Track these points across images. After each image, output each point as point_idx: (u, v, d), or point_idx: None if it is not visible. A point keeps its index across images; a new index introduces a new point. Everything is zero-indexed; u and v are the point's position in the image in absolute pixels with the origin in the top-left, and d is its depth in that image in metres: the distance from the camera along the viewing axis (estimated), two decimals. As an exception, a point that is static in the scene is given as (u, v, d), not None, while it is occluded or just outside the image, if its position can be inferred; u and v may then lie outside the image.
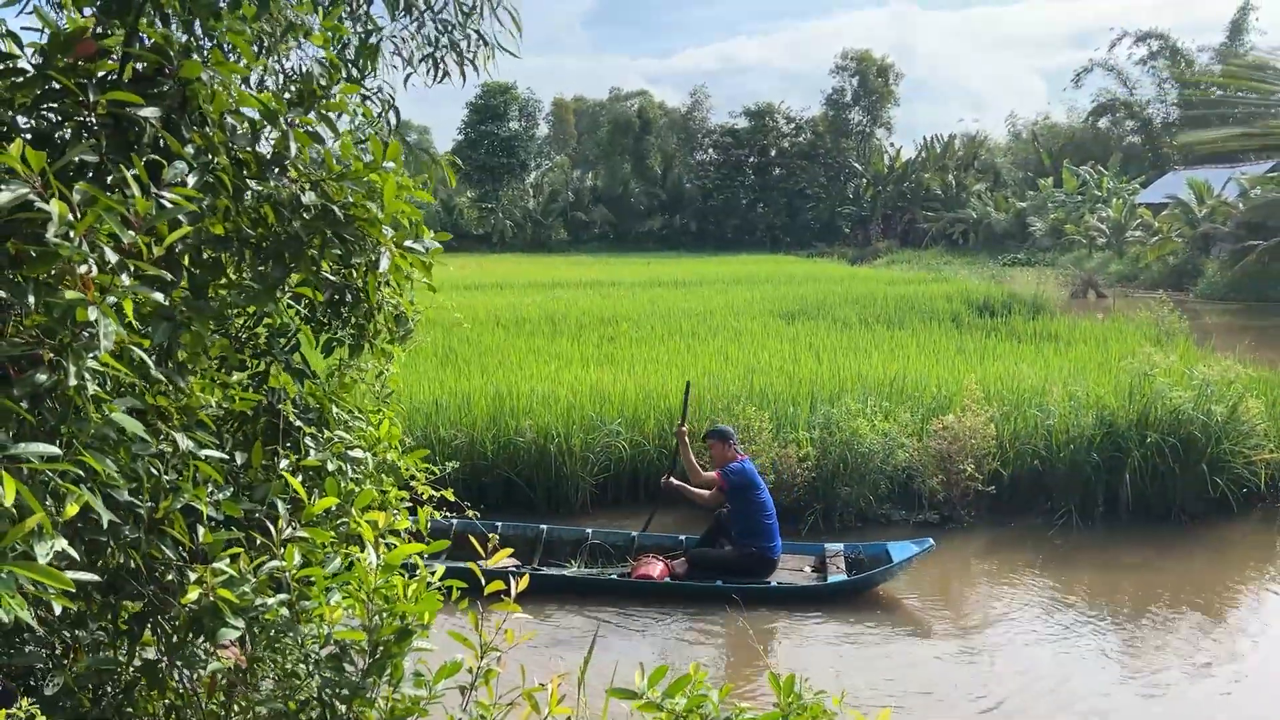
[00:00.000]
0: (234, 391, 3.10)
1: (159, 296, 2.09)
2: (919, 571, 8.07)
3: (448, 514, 5.71)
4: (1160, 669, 6.53)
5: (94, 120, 2.46)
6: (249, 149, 2.80)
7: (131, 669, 3.04)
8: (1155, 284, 32.88)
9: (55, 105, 2.49)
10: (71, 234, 2.00)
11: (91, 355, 2.09)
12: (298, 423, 3.72)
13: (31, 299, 2.01)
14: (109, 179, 2.45)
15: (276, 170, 2.82)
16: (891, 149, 60.83)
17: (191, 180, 2.47)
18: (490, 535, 3.80)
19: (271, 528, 3.17)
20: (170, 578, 2.96)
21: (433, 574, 3.33)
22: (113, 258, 2.03)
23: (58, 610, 2.11)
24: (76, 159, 2.31)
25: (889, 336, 15.25)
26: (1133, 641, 6.94)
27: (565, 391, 10.46)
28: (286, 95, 2.82)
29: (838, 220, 58.54)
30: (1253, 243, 29.26)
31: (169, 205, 2.32)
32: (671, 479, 8.31)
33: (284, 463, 3.63)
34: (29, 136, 2.42)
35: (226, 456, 3.24)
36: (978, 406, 9.11)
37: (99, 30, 2.68)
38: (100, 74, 2.59)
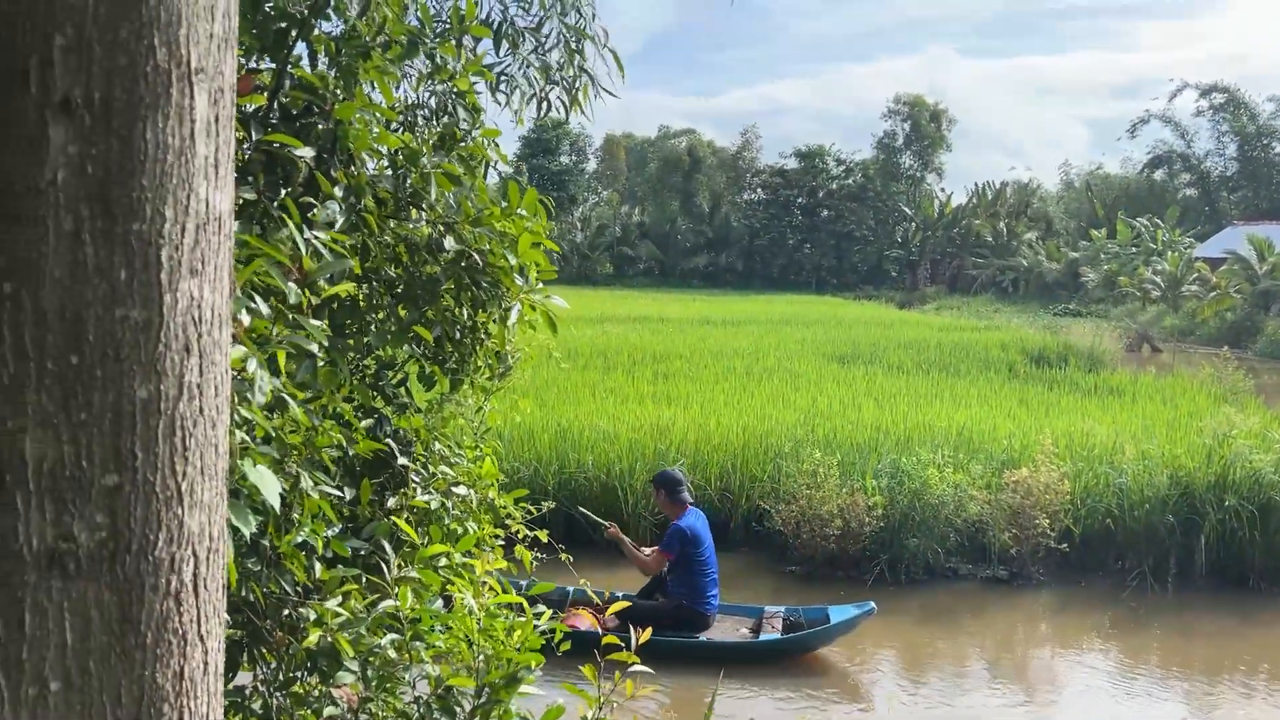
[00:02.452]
0: (357, 434, 3.09)
1: (314, 348, 2.08)
2: (989, 626, 7.90)
3: (538, 555, 5.65)
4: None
5: (249, 158, 2.48)
6: (388, 189, 2.80)
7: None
8: (1212, 340, 32.24)
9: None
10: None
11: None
12: (402, 460, 3.71)
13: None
14: (258, 216, 2.46)
15: (414, 212, 2.82)
16: (942, 194, 60.58)
17: (339, 220, 2.47)
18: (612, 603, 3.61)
19: (385, 566, 3.15)
20: (286, 612, 2.94)
21: (538, 617, 3.28)
22: (266, 310, 2.01)
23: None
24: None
25: (948, 384, 15.06)
26: (1205, 711, 6.71)
27: (625, 429, 10.43)
28: (425, 136, 2.83)
29: (885, 263, 58.22)
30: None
31: (320, 247, 2.32)
32: (619, 533, 7.74)
33: (391, 500, 3.61)
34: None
35: (341, 494, 3.23)
36: (1051, 461, 8.93)
37: (250, 66, 2.71)
38: (249, 109, 2.61)
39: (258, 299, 1.94)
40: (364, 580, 3.25)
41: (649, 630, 2.98)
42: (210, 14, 1.22)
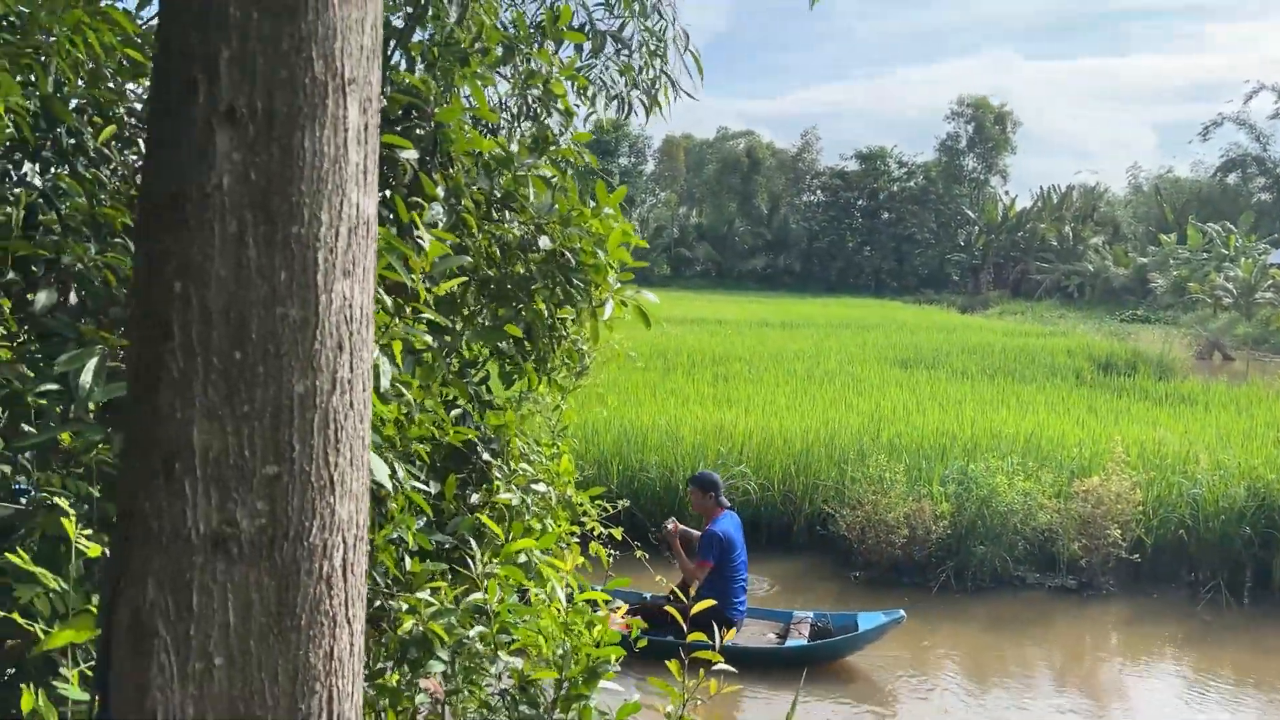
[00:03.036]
0: (446, 424, 3.16)
1: (429, 339, 2.15)
2: (1057, 636, 7.78)
3: (613, 552, 5.68)
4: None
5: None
6: (483, 190, 2.87)
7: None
8: (1286, 348, 31.33)
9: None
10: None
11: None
12: (485, 455, 3.77)
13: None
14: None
15: (507, 212, 2.89)
16: (1006, 197, 59.65)
17: (441, 221, 2.54)
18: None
19: (469, 560, 3.22)
20: (377, 604, 3.01)
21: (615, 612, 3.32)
22: (390, 303, 2.09)
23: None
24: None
25: (1014, 390, 14.85)
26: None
27: (688, 430, 10.46)
28: (519, 139, 2.89)
29: (947, 267, 57.47)
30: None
31: (425, 246, 2.39)
32: (677, 531, 7.47)
33: (474, 496, 3.67)
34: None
35: (428, 489, 3.30)
36: (1123, 470, 8.77)
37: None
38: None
39: (381, 292, 2.01)
40: (448, 574, 3.33)
41: (733, 630, 3.00)
42: (361, 27, 1.28)
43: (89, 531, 1.68)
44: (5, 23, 2.90)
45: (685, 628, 6.77)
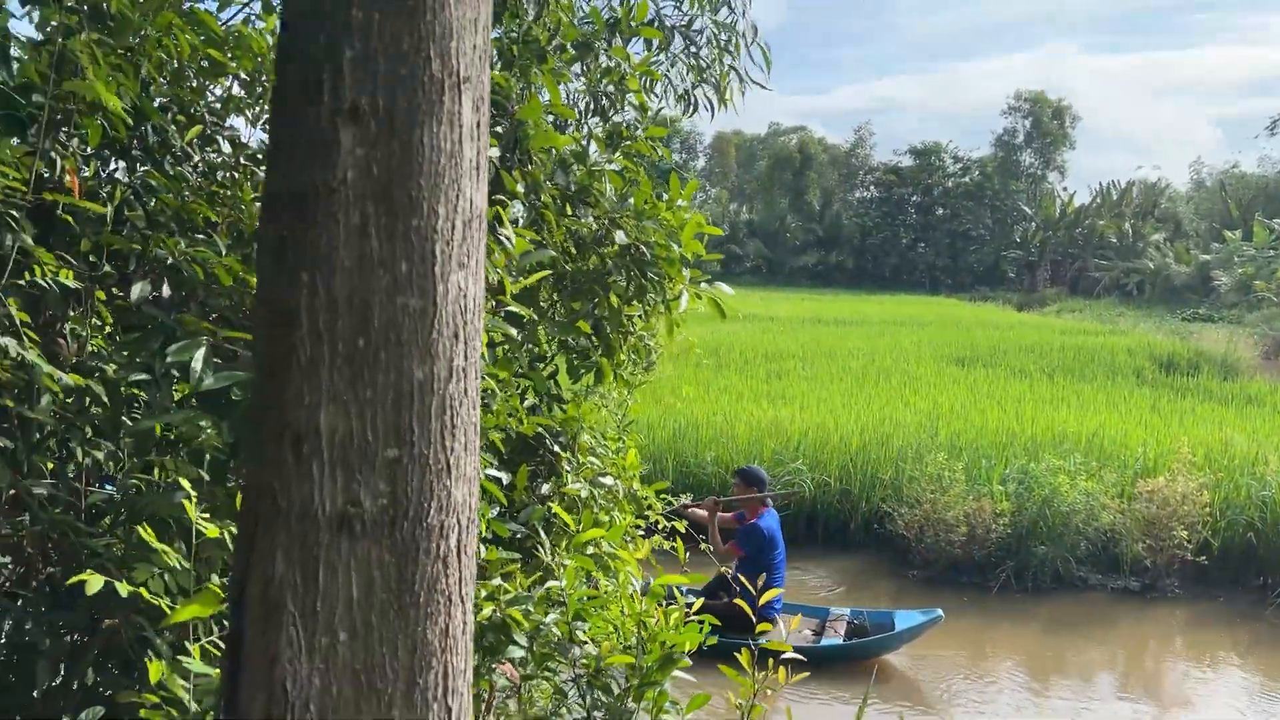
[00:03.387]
0: (521, 415, 3.22)
1: (513, 331, 2.20)
2: (1119, 638, 7.67)
3: (670, 546, 5.72)
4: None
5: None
6: (557, 185, 2.92)
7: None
8: (1358, 348, 30.38)
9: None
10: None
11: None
12: (554, 447, 3.82)
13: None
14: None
15: (582, 207, 2.93)
16: (1064, 193, 58.59)
17: (522, 217, 2.60)
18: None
19: (539, 549, 3.27)
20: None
21: (689, 607, 3.35)
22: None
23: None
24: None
25: (1074, 389, 14.62)
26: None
27: (742, 427, 10.46)
28: (594, 134, 2.93)
29: (1002, 264, 56.59)
30: None
31: (507, 242, 2.44)
32: (716, 506, 7.45)
33: (544, 487, 3.72)
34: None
35: (500, 478, 3.35)
36: (1189, 471, 8.61)
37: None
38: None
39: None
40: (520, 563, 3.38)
41: (798, 616, 3.02)
42: (475, 27, 1.33)
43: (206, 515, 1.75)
44: (101, 26, 3.00)
45: (752, 619, 6.74)
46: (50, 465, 2.82)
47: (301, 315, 1.23)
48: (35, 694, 2.60)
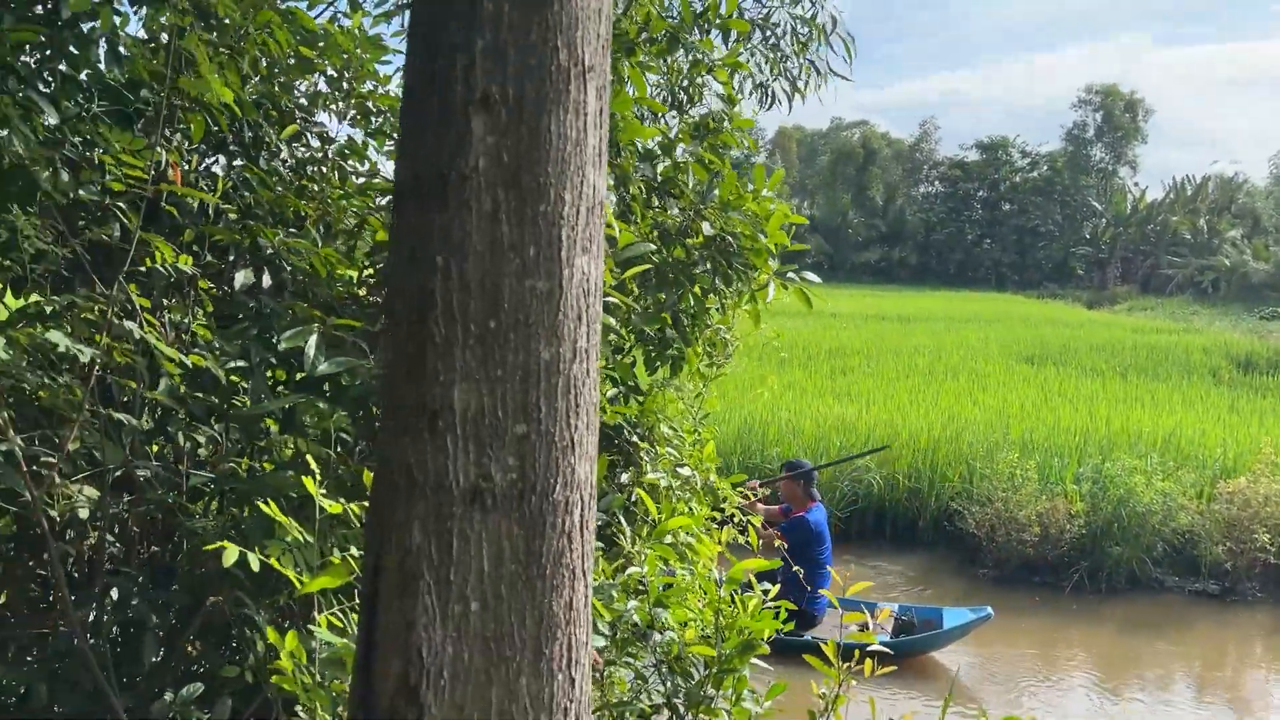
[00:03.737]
0: (604, 404, 3.27)
1: (612, 321, 2.24)
2: (1197, 642, 7.50)
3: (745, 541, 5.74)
4: None
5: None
6: (644, 177, 2.95)
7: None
8: None
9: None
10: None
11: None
12: (633, 437, 3.86)
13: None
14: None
15: (668, 199, 2.96)
16: (1136, 189, 57.18)
17: (612, 209, 2.63)
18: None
19: (619, 537, 3.31)
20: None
21: (766, 594, 3.37)
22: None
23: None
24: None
25: (1148, 388, 14.30)
26: None
27: (808, 423, 10.43)
28: (680, 126, 2.97)
29: (1071, 261, 55.42)
30: None
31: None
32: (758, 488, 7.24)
33: (624, 476, 3.76)
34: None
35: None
36: (1272, 472, 8.39)
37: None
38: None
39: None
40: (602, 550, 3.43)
41: (887, 609, 3.02)
42: (598, 16, 1.36)
43: (323, 492, 1.82)
44: (206, 25, 3.11)
45: (811, 615, 6.59)
46: (155, 448, 2.94)
47: (436, 297, 1.28)
48: (142, 668, 2.71)
